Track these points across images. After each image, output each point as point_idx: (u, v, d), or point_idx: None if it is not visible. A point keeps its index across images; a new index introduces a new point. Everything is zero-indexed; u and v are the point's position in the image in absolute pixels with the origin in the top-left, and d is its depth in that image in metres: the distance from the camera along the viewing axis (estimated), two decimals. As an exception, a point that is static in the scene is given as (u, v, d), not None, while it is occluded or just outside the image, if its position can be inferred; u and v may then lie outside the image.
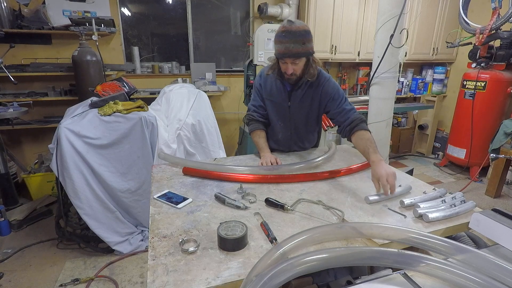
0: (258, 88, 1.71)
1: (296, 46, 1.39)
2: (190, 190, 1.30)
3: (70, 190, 2.18)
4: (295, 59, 1.43)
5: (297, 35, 1.38)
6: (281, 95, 1.63)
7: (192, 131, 2.67)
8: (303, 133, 1.77)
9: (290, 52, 1.40)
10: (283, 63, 1.48)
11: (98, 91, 2.49)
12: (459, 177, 3.95)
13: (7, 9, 3.06)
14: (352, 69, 4.72)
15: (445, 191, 1.23)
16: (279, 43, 1.43)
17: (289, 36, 1.38)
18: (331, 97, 1.58)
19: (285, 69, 1.48)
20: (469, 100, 3.69)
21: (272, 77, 1.61)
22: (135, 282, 2.10)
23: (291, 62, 1.44)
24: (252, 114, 1.73)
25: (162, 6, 3.86)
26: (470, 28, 3.33)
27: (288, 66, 1.46)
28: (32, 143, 3.54)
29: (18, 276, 2.16)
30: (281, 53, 1.43)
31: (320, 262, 0.76)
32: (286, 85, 1.61)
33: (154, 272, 0.81)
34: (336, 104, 1.57)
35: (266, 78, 1.65)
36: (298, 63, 1.46)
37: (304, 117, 1.68)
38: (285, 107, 1.65)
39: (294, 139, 1.77)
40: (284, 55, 1.42)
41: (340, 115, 1.56)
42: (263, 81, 1.68)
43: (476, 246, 1.07)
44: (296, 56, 1.42)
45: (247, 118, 1.76)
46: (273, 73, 1.58)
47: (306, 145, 1.84)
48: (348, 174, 1.47)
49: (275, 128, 1.75)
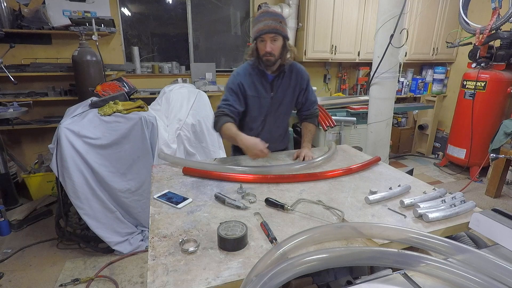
0: (235, 88, 1.62)
1: (274, 23, 1.46)
2: (190, 190, 1.30)
3: (70, 190, 2.18)
4: (274, 35, 1.47)
5: (275, 15, 1.49)
6: (264, 86, 1.64)
7: (192, 131, 2.68)
8: (280, 133, 1.83)
9: (269, 28, 1.46)
10: (261, 41, 1.51)
11: (98, 91, 2.49)
12: (459, 177, 3.95)
13: (7, 9, 3.07)
14: (352, 69, 4.72)
15: (445, 191, 1.23)
16: (258, 23, 1.49)
17: (267, 15, 1.48)
18: (305, 84, 1.72)
19: (263, 48, 1.50)
20: (469, 100, 3.69)
21: (252, 73, 1.63)
22: (135, 282, 2.10)
23: (270, 39, 1.48)
24: (222, 110, 1.58)
25: (162, 6, 3.86)
26: (470, 28, 3.33)
27: (267, 44, 1.49)
28: (32, 143, 3.54)
29: (18, 276, 2.16)
30: (260, 30, 1.47)
31: (320, 262, 0.76)
32: (267, 76, 1.64)
33: (154, 272, 0.81)
34: (308, 95, 1.76)
35: (245, 75, 1.63)
36: (276, 41, 1.50)
37: (284, 107, 1.73)
38: (267, 98, 1.66)
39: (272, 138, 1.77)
40: (263, 31, 1.47)
41: (305, 105, 1.78)
42: (243, 79, 1.63)
43: (476, 246, 1.07)
44: (274, 31, 1.47)
45: (216, 114, 1.60)
46: (252, 60, 1.60)
47: (280, 146, 1.88)
48: (348, 174, 1.47)
49: (254, 128, 1.74)
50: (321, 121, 3.34)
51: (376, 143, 2.84)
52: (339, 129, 3.65)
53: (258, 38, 1.50)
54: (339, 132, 3.68)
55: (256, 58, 1.57)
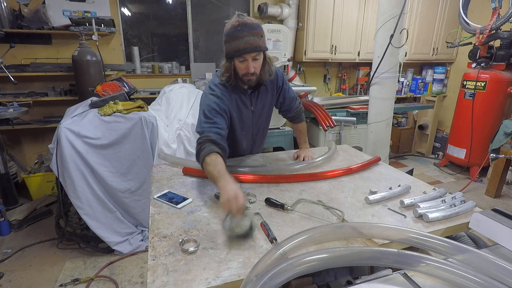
0: (220, 110, 1.37)
1: (255, 39, 1.26)
2: (190, 190, 1.30)
3: (70, 190, 2.18)
4: (257, 53, 1.29)
5: (254, 27, 1.27)
6: (244, 102, 1.49)
7: (192, 131, 2.67)
8: (262, 138, 1.77)
9: (251, 46, 1.26)
10: (241, 61, 1.30)
11: (98, 91, 2.49)
12: (459, 177, 3.95)
13: (7, 9, 3.06)
14: (352, 69, 4.72)
15: (445, 191, 1.23)
16: (236, 39, 1.26)
17: (246, 29, 1.25)
18: (281, 82, 1.59)
19: (245, 68, 1.31)
20: (469, 100, 3.69)
21: (230, 92, 1.43)
22: (135, 282, 2.10)
23: (253, 58, 1.30)
24: (207, 135, 1.27)
25: (162, 6, 3.86)
26: (470, 28, 3.33)
27: (249, 64, 1.30)
28: (32, 143, 3.54)
29: (18, 276, 2.16)
30: (241, 49, 1.26)
31: (320, 262, 0.76)
32: (246, 91, 1.49)
33: (154, 272, 0.81)
34: (286, 93, 1.65)
35: (227, 96, 1.42)
36: (259, 58, 1.32)
37: (265, 118, 1.66)
38: (249, 112, 1.53)
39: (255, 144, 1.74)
40: (245, 50, 1.26)
41: (285, 103, 1.69)
42: (227, 101, 1.41)
43: (476, 246, 1.07)
44: (257, 50, 1.28)
45: (200, 141, 1.27)
46: (228, 79, 1.39)
47: (261, 147, 1.84)
48: (348, 174, 1.47)
49: (237, 139, 1.60)
50: (321, 121, 3.34)
51: (376, 143, 2.85)
52: (339, 129, 3.66)
53: (238, 57, 1.30)
54: (339, 132, 3.68)
55: (234, 78, 1.38)
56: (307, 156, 1.65)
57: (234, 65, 1.34)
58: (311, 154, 1.67)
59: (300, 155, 1.67)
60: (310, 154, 1.67)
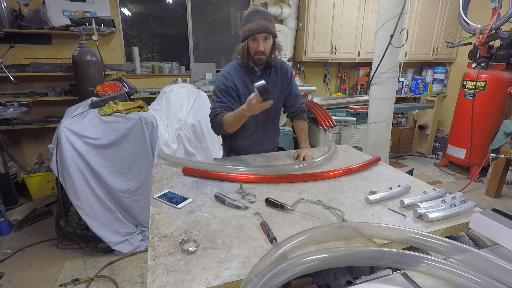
0: (228, 89, 1.60)
1: (266, 22, 1.49)
2: (190, 190, 1.30)
3: (70, 190, 2.18)
4: (267, 34, 1.51)
5: (266, 14, 1.52)
6: (253, 81, 1.61)
7: (192, 131, 2.68)
8: (272, 131, 1.82)
9: (262, 27, 1.48)
10: (253, 40, 1.52)
11: (98, 91, 2.49)
12: (459, 177, 3.95)
13: (7, 9, 3.07)
14: (352, 69, 4.72)
15: (445, 191, 1.22)
16: (250, 22, 1.50)
17: (259, 14, 1.50)
18: (290, 76, 1.75)
19: (256, 47, 1.53)
20: (469, 100, 3.69)
21: (241, 71, 1.65)
22: (135, 282, 2.10)
23: (263, 38, 1.51)
24: (215, 109, 1.58)
25: (162, 6, 3.86)
26: (470, 28, 3.33)
27: (259, 43, 1.52)
28: (32, 143, 3.54)
29: (18, 276, 2.16)
30: (253, 29, 1.49)
31: (320, 262, 0.76)
32: (256, 73, 1.67)
33: (154, 272, 0.81)
34: (292, 87, 1.78)
35: (236, 74, 1.64)
36: (268, 40, 1.54)
37: (274, 103, 1.67)
38: None
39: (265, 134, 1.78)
40: (256, 30, 1.48)
41: (290, 98, 1.80)
42: (235, 79, 1.63)
43: (476, 246, 1.07)
44: (268, 31, 1.50)
45: (211, 116, 1.59)
46: (241, 56, 1.61)
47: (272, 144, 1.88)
48: (348, 174, 1.47)
49: (246, 128, 1.69)
50: (321, 121, 3.34)
51: (376, 143, 2.85)
52: (339, 129, 3.66)
53: (250, 37, 1.52)
54: (339, 132, 3.68)
55: (247, 56, 1.60)
56: (307, 156, 1.65)
57: (248, 45, 1.55)
58: (311, 154, 1.67)
59: (300, 154, 1.68)
60: (310, 154, 1.67)
